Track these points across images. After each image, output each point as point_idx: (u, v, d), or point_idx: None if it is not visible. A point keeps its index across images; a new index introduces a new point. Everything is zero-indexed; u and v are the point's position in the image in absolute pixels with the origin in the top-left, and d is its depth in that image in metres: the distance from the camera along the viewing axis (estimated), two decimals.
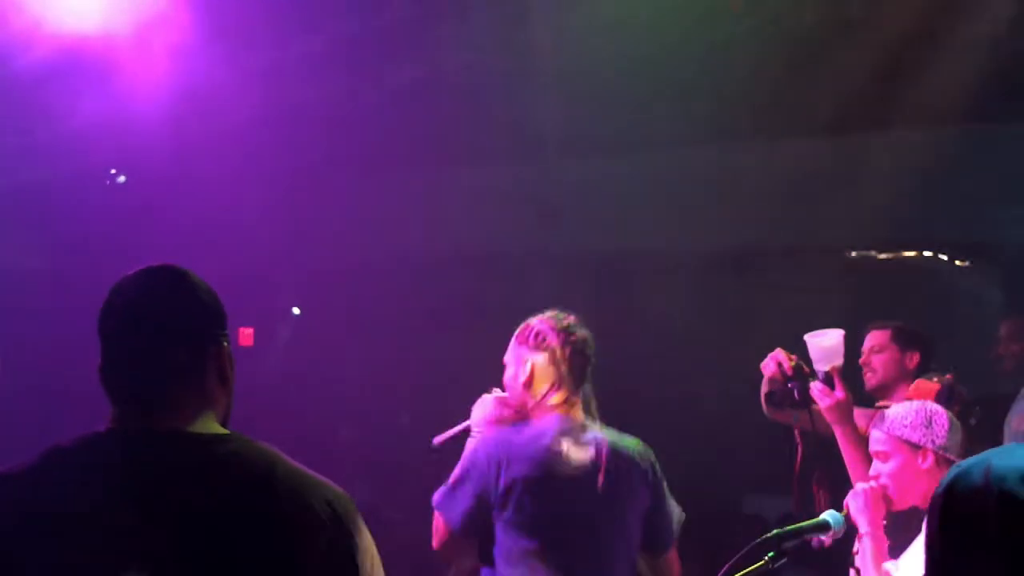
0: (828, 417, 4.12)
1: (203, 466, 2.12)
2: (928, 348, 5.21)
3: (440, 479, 3.88)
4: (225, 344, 2.27)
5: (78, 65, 5.83)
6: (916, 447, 3.72)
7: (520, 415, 3.89)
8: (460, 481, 3.80)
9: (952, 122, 6.55)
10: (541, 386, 3.83)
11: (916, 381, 4.78)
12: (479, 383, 4.05)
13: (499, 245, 7.00)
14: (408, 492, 7.24)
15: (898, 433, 3.74)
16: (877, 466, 3.78)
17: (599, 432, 3.84)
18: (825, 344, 4.16)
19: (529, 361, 3.84)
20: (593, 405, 3.88)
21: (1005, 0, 5.69)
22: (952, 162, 6.63)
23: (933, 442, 3.71)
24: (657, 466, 3.93)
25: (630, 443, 3.89)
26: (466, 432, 3.99)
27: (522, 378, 3.85)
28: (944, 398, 4.51)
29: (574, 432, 3.79)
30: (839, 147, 7.00)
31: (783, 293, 6.87)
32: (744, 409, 4.82)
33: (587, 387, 3.88)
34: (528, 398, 3.86)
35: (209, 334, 2.25)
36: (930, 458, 3.70)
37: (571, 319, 3.91)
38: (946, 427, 3.75)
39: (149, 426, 2.16)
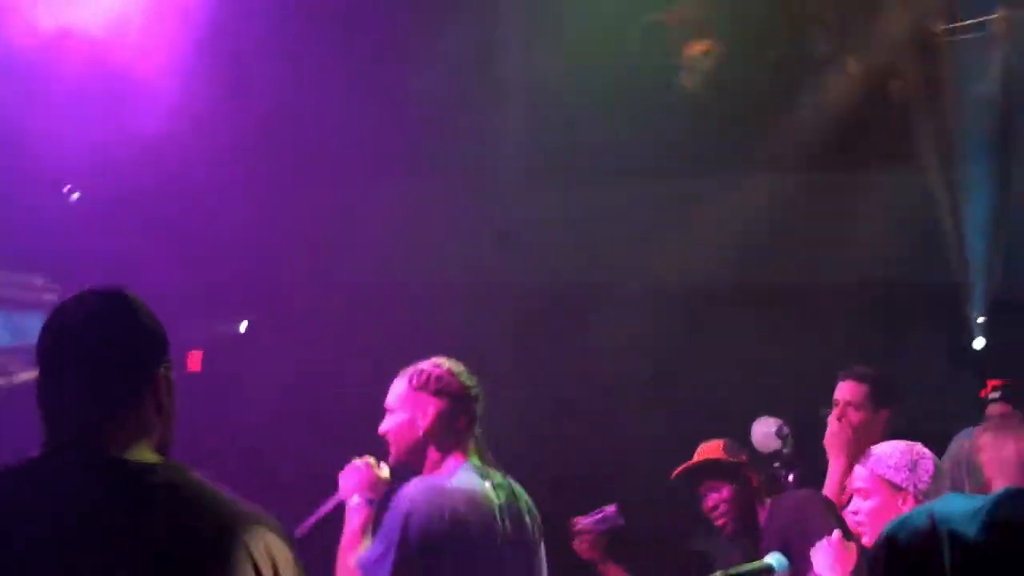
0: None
1: (134, 495, 2.11)
2: (899, 402, 4.97)
3: None
4: (163, 371, 2.24)
5: (70, 74, 5.80)
6: (897, 488, 3.60)
7: (408, 464, 3.74)
8: (395, 545, 3.48)
9: None
10: (445, 432, 3.70)
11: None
12: None
13: (459, 273, 6.94)
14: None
15: (880, 472, 3.62)
16: (857, 502, 3.67)
17: (502, 478, 3.76)
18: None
19: (431, 407, 3.70)
20: (486, 452, 3.77)
21: None
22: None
23: (915, 486, 3.58)
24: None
25: (520, 489, 3.82)
26: (340, 507, 3.79)
27: (423, 425, 3.70)
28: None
29: (487, 479, 3.69)
30: (813, 182, 7.00)
31: (750, 330, 6.84)
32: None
33: (480, 434, 3.76)
34: (427, 445, 3.71)
35: (149, 361, 2.23)
36: (910, 502, 3.55)
37: (462, 365, 3.79)
38: (931, 472, 3.62)
39: (83, 452, 2.15)
